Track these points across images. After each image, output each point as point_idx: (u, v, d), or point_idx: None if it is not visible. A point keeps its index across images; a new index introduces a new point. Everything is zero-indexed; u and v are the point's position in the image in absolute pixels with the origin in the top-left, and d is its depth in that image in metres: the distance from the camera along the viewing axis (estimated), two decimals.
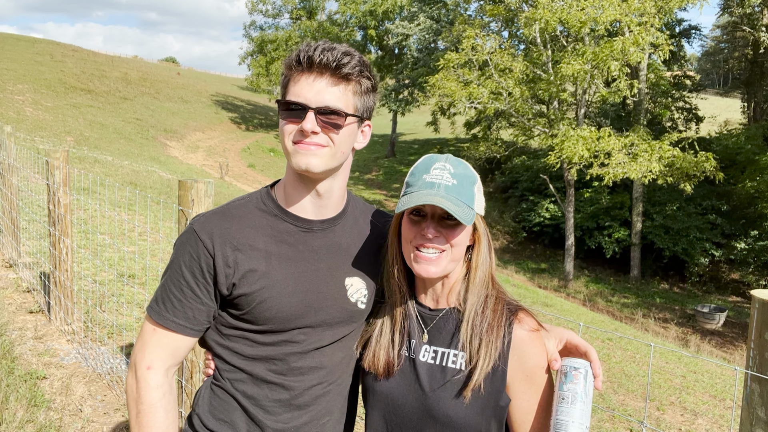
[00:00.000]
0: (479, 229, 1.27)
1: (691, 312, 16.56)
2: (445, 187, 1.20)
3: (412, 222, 1.24)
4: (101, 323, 4.55)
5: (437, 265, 1.22)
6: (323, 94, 1.18)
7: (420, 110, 42.94)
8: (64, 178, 4.21)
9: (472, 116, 28.42)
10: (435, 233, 1.21)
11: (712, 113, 31.39)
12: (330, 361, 1.31)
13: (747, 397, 1.08)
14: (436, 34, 32.88)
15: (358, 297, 1.33)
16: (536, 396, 1.21)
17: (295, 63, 1.20)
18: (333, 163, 1.24)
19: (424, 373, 1.25)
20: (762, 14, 25.89)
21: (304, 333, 1.27)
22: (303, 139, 1.20)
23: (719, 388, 6.56)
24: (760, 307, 1.04)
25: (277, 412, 1.27)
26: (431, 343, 1.27)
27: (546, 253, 23.16)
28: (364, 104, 1.26)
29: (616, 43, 15.78)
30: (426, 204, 1.19)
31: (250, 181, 27.84)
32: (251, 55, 46.14)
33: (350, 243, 1.36)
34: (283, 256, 1.27)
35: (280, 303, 1.24)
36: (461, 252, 1.26)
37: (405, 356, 1.29)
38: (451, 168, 1.23)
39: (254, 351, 1.26)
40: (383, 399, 1.29)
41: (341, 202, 1.36)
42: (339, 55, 1.18)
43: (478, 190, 1.27)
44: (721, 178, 16.18)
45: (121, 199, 9.75)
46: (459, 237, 1.22)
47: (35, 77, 30.86)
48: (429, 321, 1.29)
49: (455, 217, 1.16)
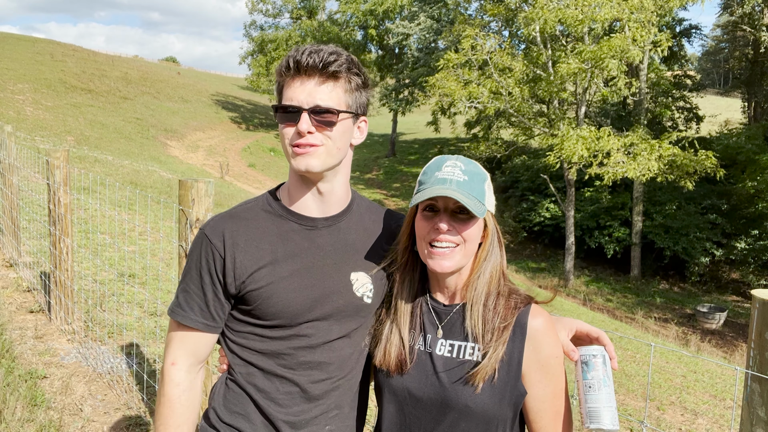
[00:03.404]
0: (489, 225, 1.30)
1: (691, 312, 16.56)
2: (457, 183, 1.24)
3: (425, 218, 1.28)
4: (101, 323, 4.55)
5: (451, 259, 1.25)
6: (314, 94, 1.24)
7: (420, 110, 42.92)
8: (64, 177, 4.21)
9: (473, 116, 28.43)
10: (448, 227, 1.24)
11: (713, 113, 31.37)
12: (339, 356, 1.34)
13: (747, 396, 1.08)
14: (436, 34, 32.87)
15: (364, 291, 1.36)
16: (551, 385, 1.25)
17: (284, 69, 1.26)
18: (331, 160, 1.29)
19: (441, 366, 1.28)
20: (762, 14, 25.88)
21: (311, 327, 1.31)
22: (300, 140, 1.25)
23: (719, 387, 6.56)
24: (760, 306, 1.04)
25: (288, 405, 1.31)
26: (446, 338, 1.30)
27: (546, 252, 23.16)
28: (356, 101, 1.31)
29: (614, 41, 15.78)
30: (438, 197, 1.24)
31: (251, 181, 27.85)
32: (251, 55, 46.11)
33: (355, 239, 1.39)
34: (289, 254, 1.31)
35: (286, 298, 1.28)
36: (473, 248, 1.29)
37: (420, 351, 1.32)
38: (462, 165, 1.28)
39: (264, 346, 1.31)
40: (400, 394, 1.32)
41: (345, 198, 1.39)
42: (325, 56, 1.23)
43: (488, 187, 1.30)
44: (722, 174, 16.17)
45: (121, 198, 9.75)
46: (471, 231, 1.26)
47: (35, 77, 30.87)
48: (443, 316, 1.33)
49: (467, 208, 1.20)
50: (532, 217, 23.52)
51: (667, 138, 17.30)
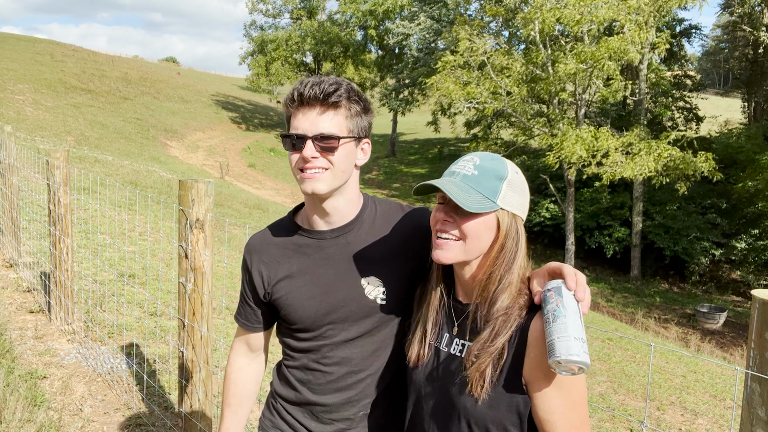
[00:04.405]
0: (503, 225, 1.25)
1: (691, 312, 16.56)
2: (463, 176, 1.24)
3: (436, 209, 1.30)
4: (101, 323, 4.55)
5: (448, 251, 1.25)
6: (317, 123, 1.37)
7: (420, 110, 42.91)
8: (64, 177, 4.21)
9: (472, 116, 28.43)
10: (447, 217, 1.25)
11: (713, 113, 31.33)
12: (360, 352, 1.49)
13: (747, 397, 1.08)
14: (436, 34, 32.87)
15: (376, 294, 1.48)
16: (561, 396, 1.17)
17: (290, 101, 1.40)
18: (336, 182, 1.42)
19: (448, 364, 1.30)
20: (762, 14, 25.88)
21: (331, 329, 1.49)
22: (305, 164, 1.39)
23: (719, 387, 6.56)
24: (760, 306, 1.04)
25: (320, 392, 1.53)
26: (460, 336, 1.32)
27: (546, 252, 23.16)
28: (357, 125, 1.43)
29: (613, 42, 15.77)
30: (431, 185, 1.24)
31: (251, 181, 27.85)
32: (251, 55, 46.10)
33: (365, 246, 1.50)
34: (303, 266, 1.51)
35: (302, 306, 1.49)
36: (478, 245, 1.26)
37: (437, 348, 1.35)
38: (477, 160, 1.27)
39: (298, 344, 1.55)
40: (414, 388, 1.38)
41: (353, 211, 1.52)
42: (326, 87, 1.36)
43: (508, 185, 1.26)
44: (719, 178, 16.15)
45: (121, 198, 9.75)
46: (471, 225, 1.23)
47: (35, 77, 30.87)
48: (460, 314, 1.34)
49: (452, 199, 1.19)
50: (532, 217, 23.50)
51: (666, 138, 17.29)
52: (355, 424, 1.52)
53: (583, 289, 1.15)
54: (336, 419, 1.52)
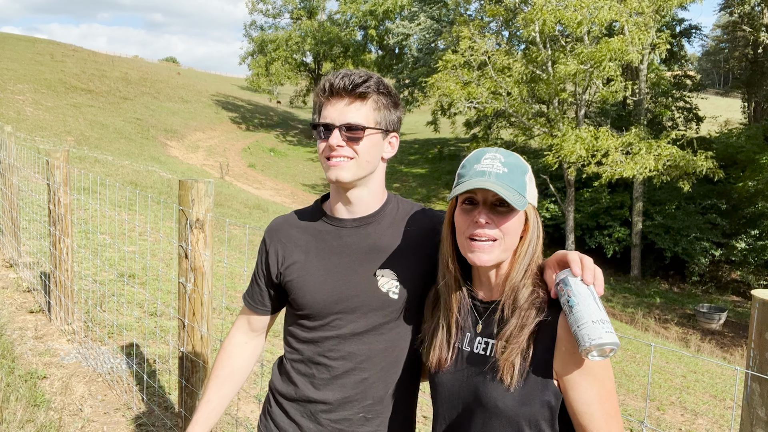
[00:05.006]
0: (530, 219, 1.28)
1: (691, 312, 16.56)
2: (496, 175, 1.23)
3: (464, 212, 1.27)
4: (101, 323, 4.55)
5: (490, 253, 1.24)
6: (345, 113, 1.41)
7: (420, 110, 42.91)
8: (64, 177, 4.21)
9: (472, 116, 28.42)
10: (487, 219, 1.23)
11: (713, 113, 31.34)
12: (368, 349, 1.48)
13: (747, 397, 1.08)
14: (436, 34, 32.87)
15: (389, 288, 1.47)
16: (595, 386, 1.18)
17: (321, 91, 1.44)
18: (360, 172, 1.44)
19: (475, 363, 1.29)
20: (762, 14, 25.89)
21: (340, 319, 1.48)
22: (331, 153, 1.42)
23: (719, 388, 6.56)
24: (760, 307, 1.04)
25: (321, 387, 1.51)
26: (483, 335, 1.30)
27: (546, 253, 22.61)
28: (384, 118, 1.46)
29: (613, 43, 15.77)
30: (477, 189, 1.22)
31: (251, 181, 27.84)
32: (251, 55, 46.10)
33: (384, 240, 1.51)
34: (320, 250, 1.51)
35: (313, 290, 1.48)
36: (513, 241, 1.27)
37: (459, 348, 1.33)
38: (501, 158, 1.26)
39: (304, 334, 1.53)
40: (441, 391, 1.35)
41: (376, 204, 1.54)
42: (355, 78, 1.40)
43: (529, 179, 1.28)
44: (720, 176, 16.14)
45: (121, 198, 9.75)
46: (510, 224, 1.24)
47: (35, 77, 30.87)
48: (483, 312, 1.32)
49: (506, 200, 1.18)
50: None
51: (666, 137, 17.30)
52: (353, 426, 1.49)
53: (590, 272, 1.17)
54: (333, 420, 1.49)
